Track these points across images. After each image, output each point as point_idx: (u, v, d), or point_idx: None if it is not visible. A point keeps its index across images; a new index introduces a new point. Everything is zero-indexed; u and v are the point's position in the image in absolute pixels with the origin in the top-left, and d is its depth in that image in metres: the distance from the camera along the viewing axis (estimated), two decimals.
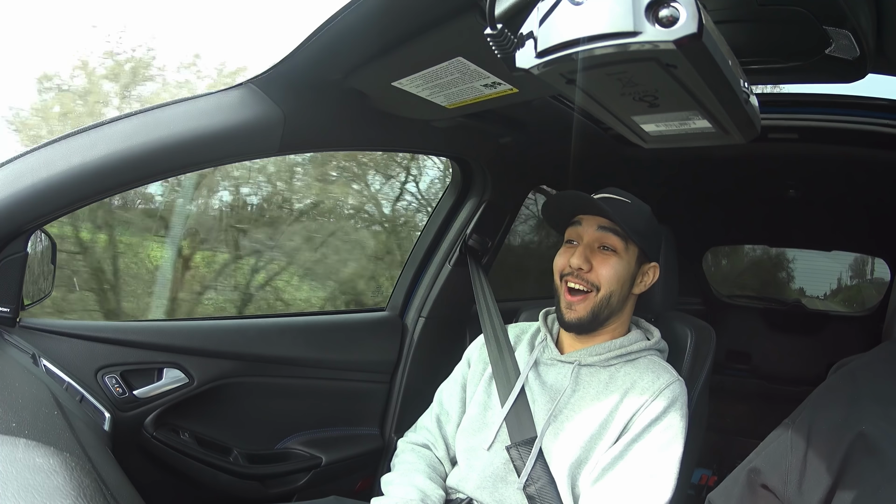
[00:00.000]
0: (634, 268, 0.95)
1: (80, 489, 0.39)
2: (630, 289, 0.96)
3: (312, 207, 3.03)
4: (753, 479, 0.62)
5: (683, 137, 0.67)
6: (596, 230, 0.93)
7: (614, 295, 0.93)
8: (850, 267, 2.72)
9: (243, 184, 2.88)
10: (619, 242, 0.93)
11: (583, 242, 0.94)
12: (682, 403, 0.88)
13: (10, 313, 0.83)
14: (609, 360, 0.93)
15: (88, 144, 0.78)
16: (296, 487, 1.21)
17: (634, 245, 0.94)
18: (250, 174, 2.86)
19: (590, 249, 0.93)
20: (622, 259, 0.93)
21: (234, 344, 1.15)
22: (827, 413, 0.60)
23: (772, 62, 0.82)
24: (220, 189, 2.81)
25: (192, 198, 2.69)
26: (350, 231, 3.08)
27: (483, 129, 1.21)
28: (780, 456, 0.61)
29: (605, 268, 0.92)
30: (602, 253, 0.93)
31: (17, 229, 0.78)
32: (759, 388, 2.28)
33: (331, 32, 0.74)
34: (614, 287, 0.92)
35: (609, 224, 0.93)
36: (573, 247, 0.95)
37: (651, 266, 0.98)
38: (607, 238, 0.93)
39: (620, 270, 0.93)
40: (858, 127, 1.21)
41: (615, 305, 0.94)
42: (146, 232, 2.71)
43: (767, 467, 0.61)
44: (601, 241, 0.93)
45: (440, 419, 1.05)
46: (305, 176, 3.01)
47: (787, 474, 0.59)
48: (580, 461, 0.87)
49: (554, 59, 0.47)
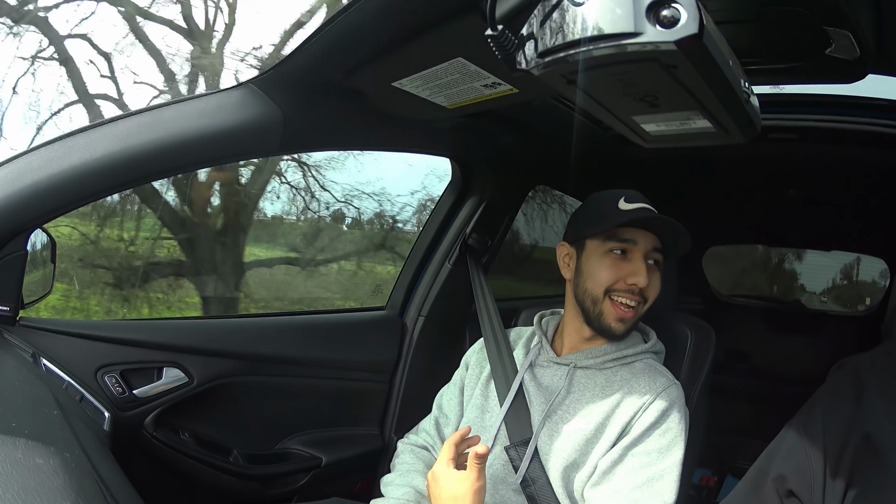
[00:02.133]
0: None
1: (80, 490, 0.40)
2: None
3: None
4: (779, 488, 0.61)
5: (684, 137, 0.67)
6: (652, 250, 0.91)
7: (651, 305, 0.93)
8: (840, 270, 2.73)
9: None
10: (661, 258, 0.93)
11: (639, 260, 0.89)
12: (679, 406, 0.87)
13: (10, 312, 0.83)
14: (605, 364, 0.93)
15: (88, 144, 0.78)
16: (296, 488, 1.21)
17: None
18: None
19: (646, 266, 0.90)
20: (660, 272, 0.93)
21: (234, 343, 1.15)
22: (835, 414, 0.60)
23: (772, 62, 0.82)
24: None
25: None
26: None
27: (483, 129, 1.21)
28: (800, 460, 0.60)
29: (655, 282, 0.91)
30: (652, 268, 0.91)
31: (17, 228, 0.78)
32: (759, 388, 2.28)
33: (331, 33, 0.74)
34: (657, 299, 0.93)
35: (658, 243, 0.91)
36: (623, 260, 0.90)
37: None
38: (656, 255, 0.91)
39: (661, 283, 0.93)
40: (858, 127, 1.20)
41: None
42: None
43: (791, 473, 0.60)
44: (651, 258, 0.91)
45: (438, 422, 1.05)
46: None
47: (812, 480, 0.58)
48: (576, 464, 0.87)
49: (555, 59, 0.47)
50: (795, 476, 0.60)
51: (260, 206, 3.57)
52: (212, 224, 3.31)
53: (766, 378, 2.29)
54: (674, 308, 1.08)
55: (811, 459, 0.59)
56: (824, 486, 0.57)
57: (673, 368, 0.95)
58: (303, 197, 3.58)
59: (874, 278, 2.66)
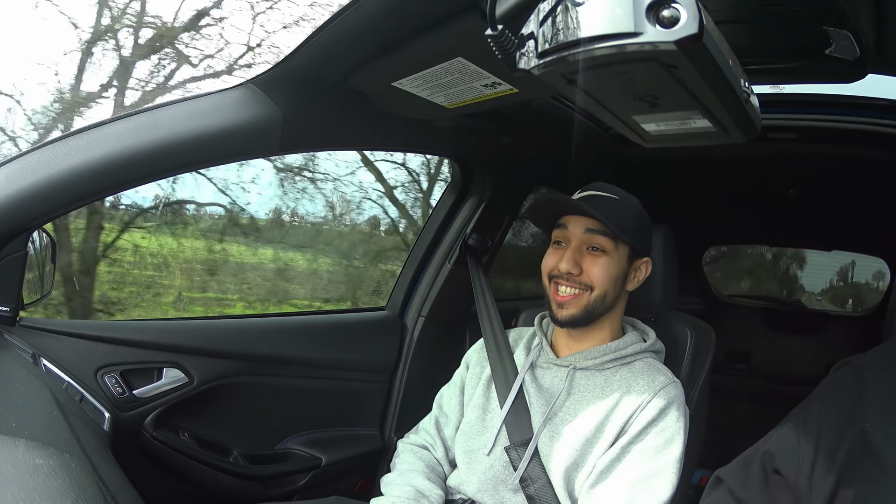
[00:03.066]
0: (626, 265, 0.93)
1: (80, 490, 0.39)
2: (623, 287, 0.94)
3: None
4: (766, 463, 0.63)
5: (684, 137, 0.67)
6: (584, 232, 0.91)
7: (609, 294, 0.91)
8: (837, 273, 2.74)
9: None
10: (607, 242, 0.90)
11: (571, 245, 0.92)
12: (679, 405, 0.87)
13: (10, 312, 0.83)
14: (604, 364, 0.93)
15: (88, 144, 0.78)
16: (296, 488, 1.21)
17: (624, 243, 0.92)
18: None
19: (578, 252, 0.91)
20: (612, 258, 0.91)
21: (234, 344, 1.15)
22: (832, 408, 0.60)
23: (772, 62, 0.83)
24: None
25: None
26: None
27: (483, 129, 1.21)
28: (792, 446, 0.61)
29: (597, 268, 0.90)
30: (591, 254, 0.91)
31: (17, 228, 0.78)
32: (759, 388, 2.28)
33: (331, 33, 0.74)
34: (608, 287, 0.91)
35: (596, 225, 0.90)
36: (561, 248, 0.93)
37: (643, 261, 0.95)
38: (595, 239, 0.91)
39: (612, 270, 0.91)
40: (858, 127, 1.20)
41: (609, 303, 0.93)
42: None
43: (781, 455, 0.62)
44: (589, 243, 0.91)
45: (439, 422, 1.05)
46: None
47: (801, 464, 0.59)
48: (576, 464, 0.87)
49: (555, 59, 0.47)
50: (783, 455, 0.61)
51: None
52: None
53: (766, 378, 2.29)
54: (674, 308, 1.08)
55: (802, 448, 0.60)
56: (812, 474, 0.57)
57: (673, 368, 0.94)
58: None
59: (867, 280, 2.67)
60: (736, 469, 0.67)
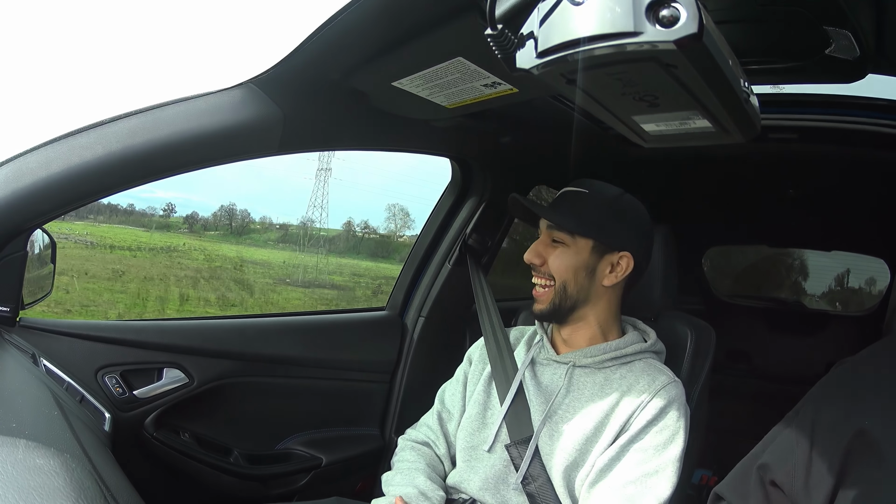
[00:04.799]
0: (591, 258, 0.93)
1: (81, 490, 0.39)
2: (593, 280, 0.94)
3: None
4: (763, 476, 0.62)
5: (683, 137, 0.67)
6: (546, 227, 0.97)
7: (569, 284, 0.93)
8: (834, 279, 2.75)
9: None
10: (565, 236, 0.94)
11: (539, 239, 0.98)
12: (679, 404, 0.88)
13: (10, 312, 0.83)
14: (604, 363, 0.93)
15: (88, 143, 0.78)
16: (296, 488, 1.21)
17: (582, 237, 0.93)
18: None
19: (543, 245, 0.96)
20: (570, 249, 0.94)
21: (234, 344, 1.15)
22: (829, 408, 0.60)
23: (772, 62, 0.83)
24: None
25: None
26: None
27: (483, 129, 1.21)
28: (786, 451, 0.61)
29: (554, 259, 0.94)
30: (552, 245, 0.95)
31: (17, 228, 0.78)
32: (759, 388, 2.27)
33: (331, 32, 0.74)
34: (567, 276, 0.93)
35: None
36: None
37: (620, 255, 0.94)
38: (554, 233, 0.95)
39: (569, 260, 0.93)
40: (858, 127, 1.20)
41: (575, 296, 0.93)
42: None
43: (775, 463, 0.61)
44: (551, 237, 0.96)
45: (441, 417, 1.06)
46: None
47: (794, 470, 0.58)
48: (576, 463, 0.87)
49: (554, 59, 0.47)
50: (779, 465, 0.61)
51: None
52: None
53: (766, 378, 2.29)
54: (673, 308, 1.08)
55: (797, 451, 0.59)
56: (808, 478, 0.57)
57: (673, 368, 0.94)
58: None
59: (860, 285, 2.68)
60: (735, 484, 0.67)
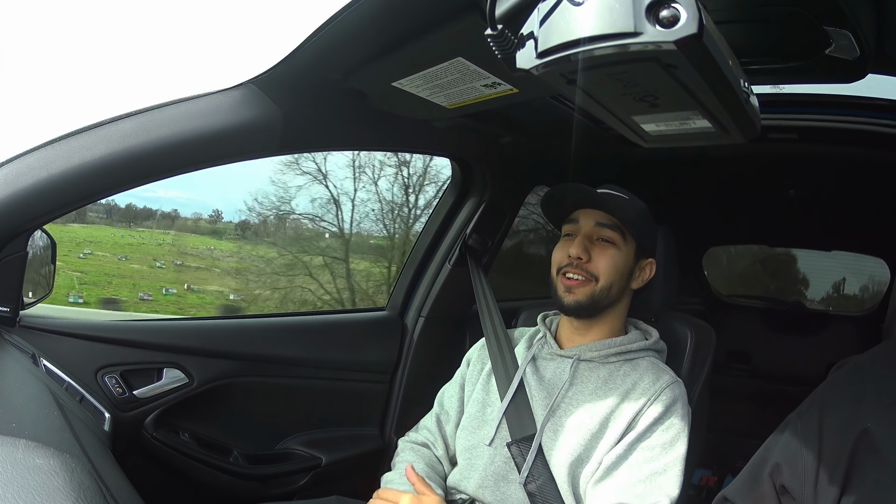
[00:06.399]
0: (633, 262, 0.96)
1: (81, 490, 0.39)
2: (629, 282, 0.96)
3: None
4: (774, 482, 0.62)
5: (683, 137, 0.67)
6: (594, 226, 0.94)
7: (614, 286, 0.93)
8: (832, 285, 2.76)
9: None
10: (616, 236, 0.94)
11: (580, 234, 0.95)
12: (682, 403, 0.88)
13: (10, 313, 0.83)
14: (608, 357, 0.93)
15: (88, 144, 0.78)
16: (296, 488, 1.21)
17: (632, 239, 0.95)
18: None
19: (588, 240, 0.94)
20: (621, 251, 0.94)
21: (234, 344, 1.15)
22: (834, 411, 0.60)
23: (772, 62, 0.82)
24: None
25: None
26: None
27: (483, 129, 1.21)
28: (794, 455, 0.61)
29: (604, 258, 0.93)
30: (600, 244, 0.94)
31: (17, 229, 0.78)
32: (759, 388, 2.28)
33: (331, 32, 0.74)
34: (614, 278, 0.93)
35: (607, 219, 0.94)
36: (571, 240, 0.95)
37: (648, 262, 0.98)
38: (604, 232, 0.94)
39: (619, 261, 0.93)
40: (858, 127, 1.21)
41: (615, 296, 0.94)
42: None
43: (786, 465, 0.61)
44: (599, 235, 0.94)
45: (440, 419, 1.06)
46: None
47: (804, 475, 0.59)
48: (580, 460, 0.87)
49: (554, 59, 0.47)
50: (789, 468, 0.61)
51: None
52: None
53: (766, 378, 2.29)
54: (674, 308, 1.08)
55: (804, 456, 0.59)
56: (816, 483, 0.57)
57: (673, 368, 0.95)
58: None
59: (855, 292, 2.69)
60: (744, 488, 0.66)
